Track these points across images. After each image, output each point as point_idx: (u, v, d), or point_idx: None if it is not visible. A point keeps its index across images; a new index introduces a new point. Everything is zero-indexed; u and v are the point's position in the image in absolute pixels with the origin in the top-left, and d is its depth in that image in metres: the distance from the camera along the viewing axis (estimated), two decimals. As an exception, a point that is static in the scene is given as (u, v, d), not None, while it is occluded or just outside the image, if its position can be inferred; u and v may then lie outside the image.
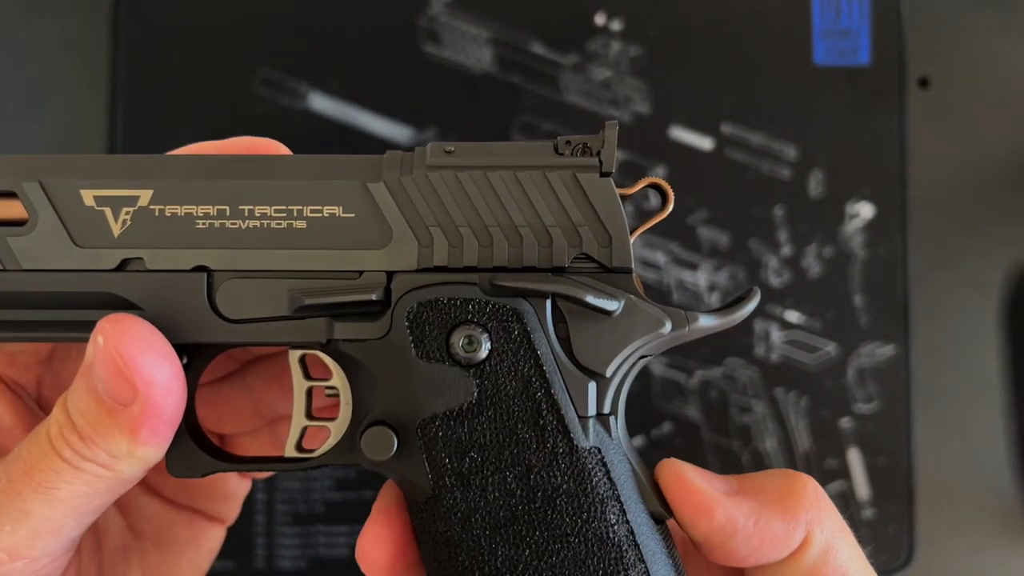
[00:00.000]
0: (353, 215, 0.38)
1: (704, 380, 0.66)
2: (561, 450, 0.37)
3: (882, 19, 0.67)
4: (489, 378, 0.38)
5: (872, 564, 0.40)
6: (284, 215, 0.38)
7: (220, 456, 0.41)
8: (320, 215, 0.38)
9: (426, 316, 0.38)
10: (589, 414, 0.38)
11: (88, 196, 0.38)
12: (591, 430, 0.38)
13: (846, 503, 0.66)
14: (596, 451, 0.38)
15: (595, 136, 0.39)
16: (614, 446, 0.38)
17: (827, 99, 0.67)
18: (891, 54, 0.67)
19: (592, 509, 0.37)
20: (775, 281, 0.66)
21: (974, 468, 0.68)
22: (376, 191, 0.38)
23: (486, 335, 0.37)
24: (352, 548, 0.65)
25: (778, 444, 0.66)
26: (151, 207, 0.38)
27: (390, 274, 0.38)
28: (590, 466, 0.37)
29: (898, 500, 0.66)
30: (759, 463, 0.66)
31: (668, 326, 0.38)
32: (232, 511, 0.50)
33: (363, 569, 0.39)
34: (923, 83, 0.68)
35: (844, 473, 0.65)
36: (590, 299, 0.37)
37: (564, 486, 0.37)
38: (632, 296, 0.38)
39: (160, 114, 0.66)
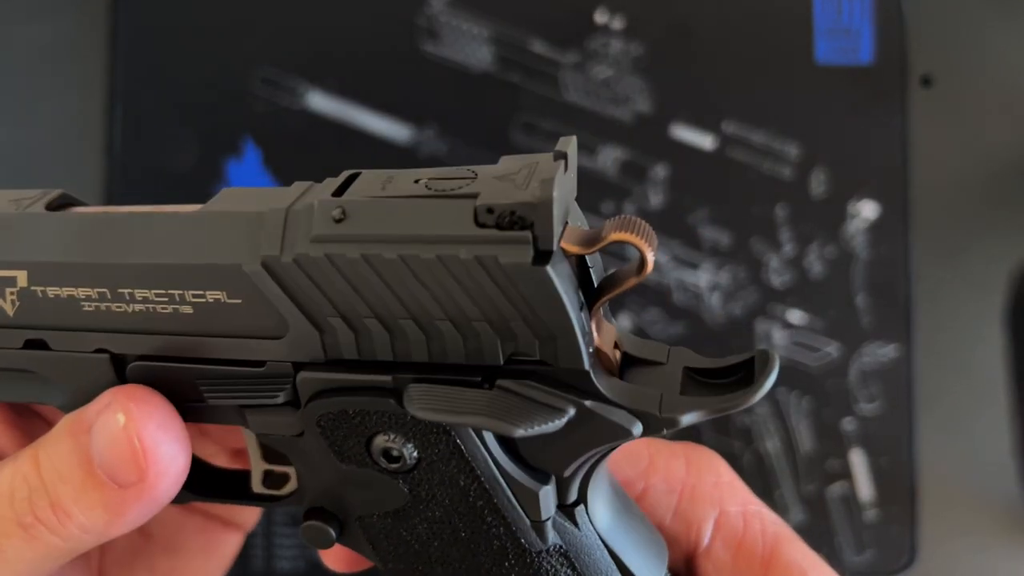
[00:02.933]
0: (240, 301, 0.31)
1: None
2: (512, 554, 0.32)
3: (884, 17, 0.67)
4: (421, 486, 0.32)
5: (874, 565, 0.40)
6: (167, 299, 0.31)
7: (193, 486, 0.38)
8: (204, 300, 0.31)
9: (338, 426, 0.32)
10: (544, 518, 0.32)
11: None
12: (548, 532, 0.32)
13: (848, 504, 0.65)
14: (557, 548, 0.32)
15: (531, 198, 0.27)
16: (582, 536, 0.32)
17: (829, 98, 0.67)
18: (893, 53, 0.67)
19: None
20: (776, 281, 0.66)
21: (977, 469, 0.67)
22: (256, 276, 0.30)
23: (410, 445, 0.31)
24: (351, 549, 0.65)
25: (779, 445, 0.66)
26: (32, 288, 0.33)
27: (296, 366, 0.31)
28: (548, 566, 0.33)
29: (900, 501, 0.65)
30: (760, 464, 0.65)
31: (637, 431, 0.30)
32: (251, 516, 0.47)
33: (325, 562, 0.39)
34: (925, 82, 0.68)
35: (846, 474, 0.65)
36: (519, 433, 0.28)
37: None
38: (588, 402, 0.29)
39: (158, 114, 0.66)
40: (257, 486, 0.37)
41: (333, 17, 0.67)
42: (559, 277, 0.28)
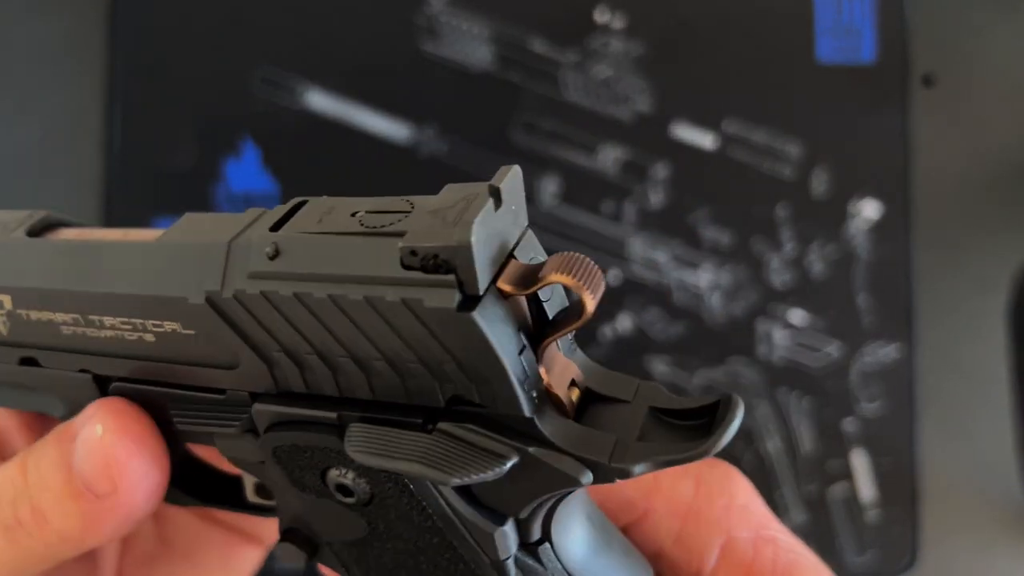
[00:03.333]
0: (193, 332, 0.31)
1: (706, 380, 0.65)
2: None
3: (885, 16, 0.67)
4: (379, 519, 0.31)
5: (875, 566, 0.39)
6: (131, 327, 0.32)
7: (190, 488, 0.38)
8: (163, 330, 0.31)
9: (293, 458, 0.31)
10: (502, 558, 0.30)
11: None
12: (510, 570, 0.30)
13: (849, 505, 0.65)
14: None
15: (453, 242, 0.26)
16: (549, 574, 0.31)
17: (830, 97, 0.67)
18: (894, 52, 0.67)
19: None
20: (777, 281, 0.66)
21: (979, 469, 0.67)
22: (202, 310, 0.30)
23: (361, 480, 0.31)
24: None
25: (780, 445, 0.65)
26: (17, 311, 0.34)
27: (253, 395, 0.32)
28: None
29: (902, 501, 0.65)
30: (761, 464, 0.65)
31: (587, 480, 0.28)
32: (270, 531, 0.46)
33: None
34: (927, 81, 0.68)
35: (847, 475, 0.65)
36: (455, 482, 0.27)
37: None
38: (531, 449, 0.28)
39: (157, 114, 0.66)
40: (250, 494, 0.38)
41: (333, 16, 0.66)
42: (487, 323, 0.26)
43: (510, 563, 0.30)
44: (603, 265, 0.65)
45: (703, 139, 0.66)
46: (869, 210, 0.66)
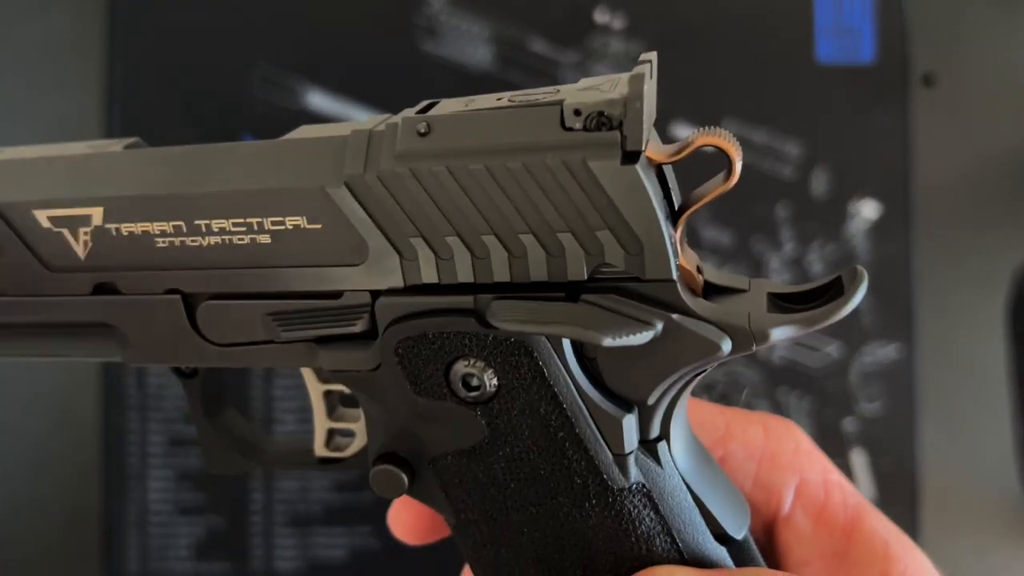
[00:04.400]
0: (320, 226, 0.31)
1: (706, 380, 0.66)
2: (594, 491, 0.31)
3: (885, 16, 0.67)
4: (500, 417, 0.31)
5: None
6: (244, 229, 0.31)
7: (252, 453, 0.38)
8: (283, 228, 0.31)
9: (417, 352, 0.31)
10: (627, 451, 0.31)
11: (43, 217, 0.33)
12: (631, 467, 0.31)
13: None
14: (639, 487, 0.31)
15: (619, 96, 0.28)
16: (665, 475, 0.31)
17: (830, 97, 0.67)
18: (894, 52, 0.67)
19: (636, 547, 0.32)
20: (777, 280, 0.66)
21: (979, 469, 0.67)
22: (338, 197, 0.30)
23: (490, 371, 0.31)
24: (351, 550, 0.65)
25: (781, 445, 0.65)
26: (107, 226, 0.32)
27: (374, 294, 0.31)
28: (630, 506, 0.31)
29: (902, 501, 0.65)
30: (761, 464, 0.65)
31: (727, 347, 0.29)
32: None
33: (394, 532, 0.39)
34: (927, 81, 0.68)
35: (847, 474, 0.65)
36: (608, 342, 0.28)
37: (600, 528, 0.32)
38: (675, 316, 0.29)
39: (157, 113, 0.66)
40: (320, 449, 0.37)
41: (333, 16, 0.66)
42: (648, 179, 0.28)
43: (632, 459, 0.31)
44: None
45: (703, 139, 0.66)
46: (869, 210, 0.66)
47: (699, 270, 0.31)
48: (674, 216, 0.30)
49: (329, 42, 0.66)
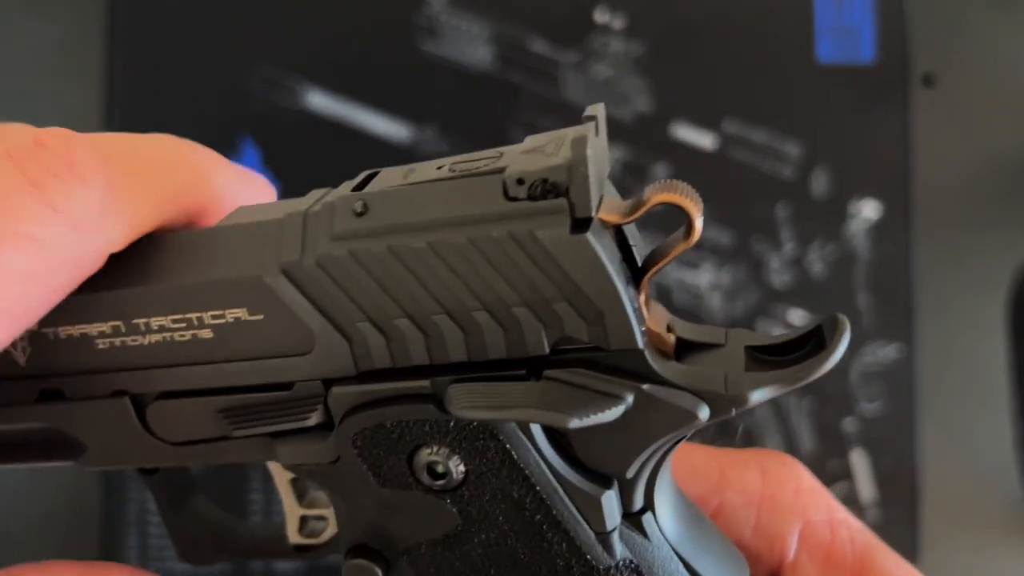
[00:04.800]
0: (262, 317, 0.29)
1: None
2: (579, 572, 0.30)
3: (885, 16, 0.67)
4: (472, 504, 0.30)
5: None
6: (184, 325, 0.29)
7: (225, 544, 0.37)
8: (224, 321, 0.29)
9: (377, 442, 0.29)
10: (609, 528, 0.29)
11: None
12: (615, 545, 0.29)
13: (850, 505, 0.65)
14: (627, 563, 0.30)
15: (562, 161, 0.25)
16: (653, 547, 0.30)
17: (830, 97, 0.67)
18: (895, 51, 0.67)
19: None
20: (777, 281, 0.66)
21: (980, 469, 0.67)
22: (277, 285, 0.28)
23: (456, 456, 0.29)
24: (351, 550, 0.65)
25: (780, 446, 0.65)
26: (43, 331, 0.31)
27: (327, 383, 0.29)
28: None
29: (902, 502, 0.65)
30: (762, 464, 0.65)
31: (704, 415, 0.27)
32: None
33: None
34: (927, 81, 0.68)
35: (847, 475, 0.65)
36: (574, 423, 0.26)
37: None
38: (646, 386, 0.27)
39: (157, 114, 0.66)
40: (294, 536, 0.36)
41: (332, 16, 0.66)
42: (601, 246, 0.26)
43: (616, 535, 0.29)
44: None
45: (703, 139, 0.66)
46: (869, 210, 0.66)
47: (669, 328, 0.29)
48: (637, 276, 0.28)
49: (329, 42, 0.66)
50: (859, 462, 0.65)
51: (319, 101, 0.66)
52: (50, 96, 0.67)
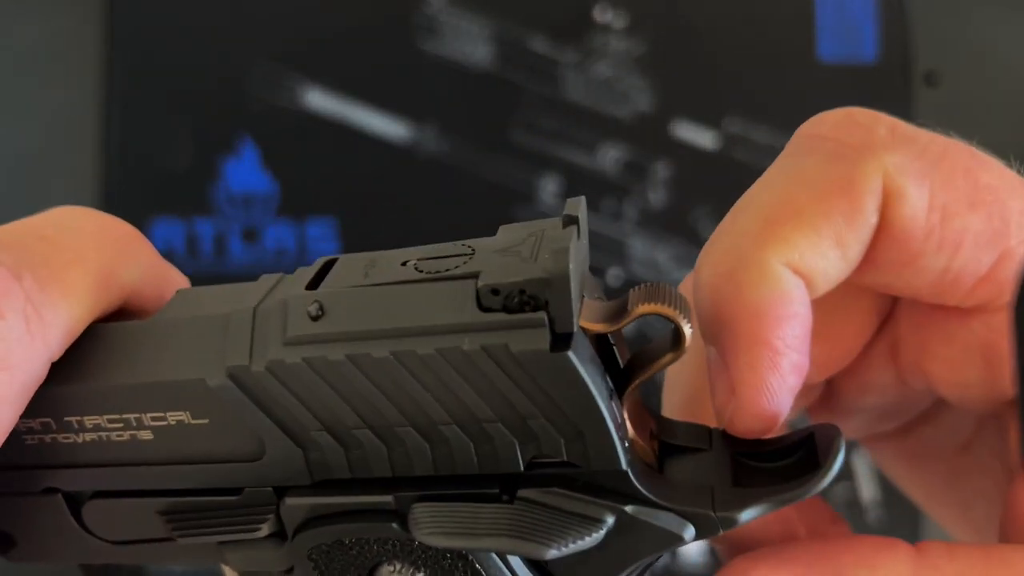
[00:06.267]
0: (207, 421, 0.26)
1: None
2: None
3: (887, 15, 0.67)
4: None
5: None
6: (121, 425, 0.27)
7: None
8: (166, 423, 0.26)
9: (334, 558, 0.27)
10: None
11: None
12: None
13: (851, 505, 0.65)
14: None
15: (543, 273, 0.23)
16: None
17: (832, 96, 0.66)
18: (897, 50, 0.66)
19: None
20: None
21: (981, 470, 0.67)
22: (222, 390, 0.25)
23: (421, 572, 0.27)
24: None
25: (782, 446, 0.65)
26: None
27: (279, 491, 0.27)
28: None
29: (904, 502, 0.65)
30: (763, 465, 0.65)
31: (689, 535, 0.25)
32: None
33: None
34: (929, 79, 0.68)
35: (848, 475, 0.65)
36: (552, 554, 0.24)
37: None
38: (628, 508, 0.25)
39: (156, 114, 0.66)
40: None
41: (332, 15, 0.66)
42: (583, 363, 0.23)
43: None
44: (603, 265, 0.65)
45: (704, 138, 0.66)
46: (871, 209, 0.66)
47: (652, 434, 0.27)
48: (619, 381, 0.26)
49: (328, 41, 0.66)
50: (860, 462, 0.65)
51: (318, 100, 0.66)
52: (50, 96, 0.67)
